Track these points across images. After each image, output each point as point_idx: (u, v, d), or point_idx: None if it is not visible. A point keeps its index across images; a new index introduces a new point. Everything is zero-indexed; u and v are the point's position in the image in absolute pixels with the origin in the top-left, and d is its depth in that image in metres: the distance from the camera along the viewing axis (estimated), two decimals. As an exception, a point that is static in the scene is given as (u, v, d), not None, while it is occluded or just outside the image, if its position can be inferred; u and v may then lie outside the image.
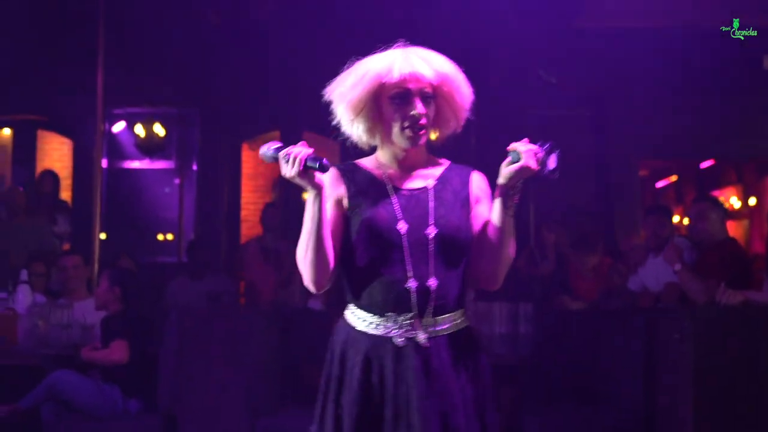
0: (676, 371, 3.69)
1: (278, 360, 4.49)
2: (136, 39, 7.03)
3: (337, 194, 2.05)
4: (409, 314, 1.94)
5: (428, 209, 2.00)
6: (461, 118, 2.07)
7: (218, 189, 8.13)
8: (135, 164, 8.38)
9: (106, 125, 7.86)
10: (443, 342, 1.96)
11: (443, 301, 1.96)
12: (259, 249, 6.20)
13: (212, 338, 4.10)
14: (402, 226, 1.97)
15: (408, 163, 2.08)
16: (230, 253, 7.02)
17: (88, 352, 4.32)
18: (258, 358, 4.12)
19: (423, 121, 1.99)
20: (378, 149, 2.10)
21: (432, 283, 1.94)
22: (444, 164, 2.13)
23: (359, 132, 2.06)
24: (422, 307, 1.95)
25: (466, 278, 2.05)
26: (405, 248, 1.95)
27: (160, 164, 8.45)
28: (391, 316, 1.95)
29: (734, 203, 9.92)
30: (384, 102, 2.01)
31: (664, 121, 7.20)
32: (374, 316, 1.98)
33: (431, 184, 2.05)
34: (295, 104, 7.77)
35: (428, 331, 1.95)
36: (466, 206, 2.05)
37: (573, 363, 4.43)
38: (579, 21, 6.68)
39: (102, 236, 6.34)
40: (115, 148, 8.28)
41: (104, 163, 7.68)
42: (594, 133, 7.82)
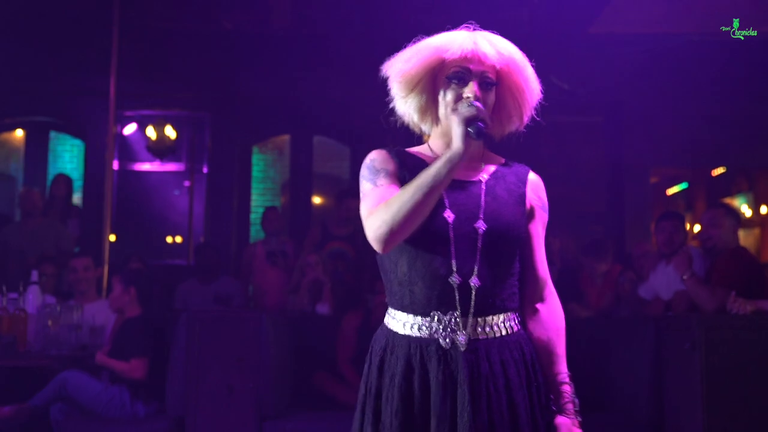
0: (686, 381, 3.67)
1: (287, 364, 4.49)
2: (150, 42, 7.07)
3: (395, 172, 1.89)
4: (455, 312, 1.77)
5: (479, 203, 1.84)
6: (524, 115, 1.91)
7: (228, 192, 8.16)
8: (145, 166, 8.42)
9: (118, 127, 7.90)
10: (493, 345, 1.79)
11: (490, 301, 1.80)
12: (264, 252, 6.20)
13: (221, 342, 4.10)
14: (449, 215, 1.80)
15: None
16: (239, 256, 7.03)
17: (104, 359, 4.33)
18: (266, 362, 4.11)
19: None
20: (430, 137, 1.95)
21: (477, 281, 1.77)
22: (500, 160, 1.97)
23: (411, 111, 1.91)
24: (467, 306, 1.77)
25: (521, 279, 1.90)
26: (451, 240, 1.78)
27: (171, 167, 8.48)
28: (435, 315, 1.78)
29: (745, 211, 9.87)
30: (440, 80, 1.85)
31: (676, 128, 7.19)
32: (417, 317, 1.80)
33: (485, 178, 1.89)
34: (305, 108, 7.80)
35: (474, 333, 1.78)
36: (521, 205, 1.89)
37: (582, 371, 4.37)
38: (592, 27, 6.67)
39: (112, 238, 6.37)
40: (126, 150, 8.31)
41: (115, 165, 7.71)
42: (606, 140, 7.81)
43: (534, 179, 1.95)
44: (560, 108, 7.54)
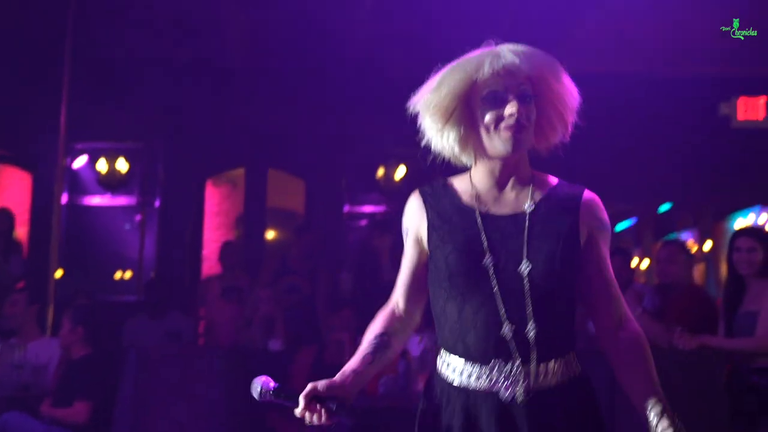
0: (637, 416, 3.71)
1: (236, 401, 4.42)
2: (102, 74, 7.00)
3: (416, 231, 1.81)
4: (510, 364, 1.66)
5: (522, 240, 1.70)
6: (568, 122, 1.79)
7: (180, 226, 8.06)
8: (95, 200, 8.28)
9: (68, 160, 7.77)
10: (553, 394, 1.67)
11: (547, 348, 1.67)
12: (220, 288, 6.14)
13: (170, 379, 4.03)
14: (488, 261, 1.68)
15: (504, 180, 1.77)
16: (191, 292, 6.94)
17: (49, 409, 4.23)
18: (216, 399, 4.05)
19: (521, 121, 1.69)
20: (472, 167, 1.82)
21: (531, 328, 1.65)
22: (551, 182, 1.82)
23: (451, 144, 1.74)
24: (524, 355, 1.66)
25: (593, 310, 1.77)
26: (496, 287, 1.67)
27: (121, 200, 8.36)
28: (496, 364, 1.67)
29: (691, 247, 10.10)
30: (476, 104, 1.71)
31: (622, 165, 7.33)
32: (475, 365, 1.69)
33: (530, 209, 1.75)
34: (261, 141, 7.78)
35: (536, 382, 1.66)
36: (574, 234, 1.73)
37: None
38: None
39: (58, 274, 6.23)
40: (76, 184, 8.18)
41: (64, 199, 7.57)
42: (555, 173, 7.92)
43: (588, 200, 1.78)
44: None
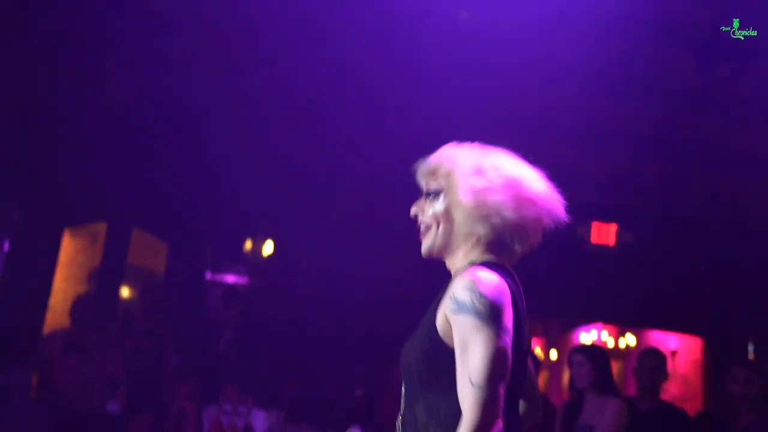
0: None
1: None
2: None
3: None
4: None
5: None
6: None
7: (28, 274, 7.64)
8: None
9: None
10: None
11: None
12: (64, 342, 5.82)
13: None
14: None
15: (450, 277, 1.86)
16: (33, 344, 6.53)
17: None
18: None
19: (420, 220, 1.91)
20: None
21: (401, 416, 1.78)
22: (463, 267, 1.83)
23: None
24: None
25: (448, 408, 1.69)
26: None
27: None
28: None
29: (538, 355, 10.51)
30: None
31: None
32: None
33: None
34: (128, 198, 7.58)
35: None
36: (432, 321, 1.75)
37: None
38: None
39: None
40: None
41: None
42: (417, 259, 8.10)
43: (455, 279, 1.77)
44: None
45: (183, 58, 6.05)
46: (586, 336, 10.07)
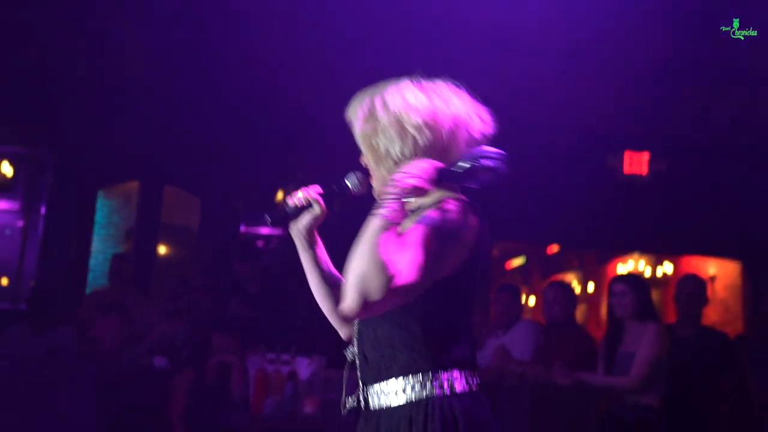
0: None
1: (115, 421, 4.29)
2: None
3: None
4: (360, 383, 1.82)
5: None
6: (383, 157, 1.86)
7: (67, 235, 7.77)
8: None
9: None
10: (385, 415, 1.72)
11: (375, 369, 1.76)
12: (105, 301, 5.93)
13: (43, 395, 3.87)
14: None
15: None
16: (74, 304, 6.67)
17: None
18: (90, 419, 3.91)
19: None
20: None
21: (353, 350, 1.86)
22: None
23: None
24: (362, 376, 1.81)
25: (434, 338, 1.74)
26: None
27: (3, 205, 8.01)
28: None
29: (575, 287, 10.52)
30: None
31: (517, 206, 7.59)
32: None
33: None
34: (158, 156, 7.62)
35: (370, 403, 1.76)
36: None
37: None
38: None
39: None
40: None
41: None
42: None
43: None
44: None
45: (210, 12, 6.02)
46: (623, 267, 10.03)
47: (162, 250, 9.05)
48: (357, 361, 1.78)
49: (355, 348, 1.79)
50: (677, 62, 6.29)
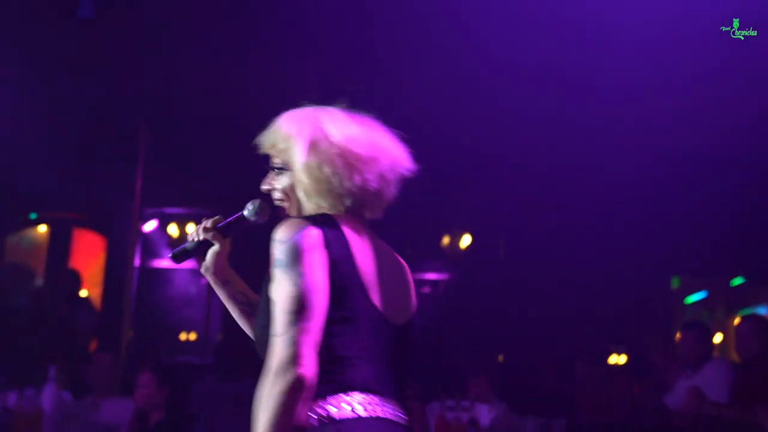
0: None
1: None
2: (176, 140, 7.19)
3: None
4: None
5: None
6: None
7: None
8: (164, 263, 8.46)
9: (140, 224, 7.98)
10: None
11: None
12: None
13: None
14: None
15: None
16: (258, 357, 6.95)
17: None
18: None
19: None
20: None
21: None
22: None
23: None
24: None
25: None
26: None
27: (188, 264, 8.50)
28: None
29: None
30: None
31: (697, 237, 7.19)
32: None
33: None
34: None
35: None
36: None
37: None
38: (616, 137, 6.75)
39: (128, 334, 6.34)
40: (147, 247, 8.37)
41: (136, 261, 7.76)
42: (627, 243, 7.81)
43: None
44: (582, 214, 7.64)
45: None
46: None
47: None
48: None
49: None
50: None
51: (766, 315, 7.67)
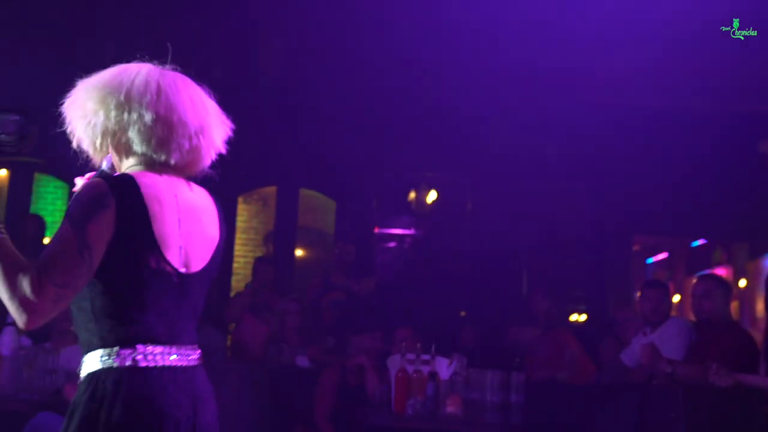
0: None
1: (265, 418, 4.41)
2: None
3: None
4: None
5: None
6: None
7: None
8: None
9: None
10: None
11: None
12: (250, 303, 6.13)
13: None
14: None
15: None
16: (219, 306, 6.94)
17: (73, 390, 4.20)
18: (245, 417, 4.04)
19: None
20: None
21: None
22: None
23: None
24: None
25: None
26: None
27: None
28: None
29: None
30: None
31: (658, 198, 7.27)
32: None
33: None
34: (294, 161, 7.82)
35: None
36: None
37: (564, 436, 4.38)
38: (578, 94, 6.80)
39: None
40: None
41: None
42: (589, 206, 7.88)
43: None
44: (545, 174, 7.69)
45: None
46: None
47: (299, 252, 9.28)
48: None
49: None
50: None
51: (723, 275, 7.80)
